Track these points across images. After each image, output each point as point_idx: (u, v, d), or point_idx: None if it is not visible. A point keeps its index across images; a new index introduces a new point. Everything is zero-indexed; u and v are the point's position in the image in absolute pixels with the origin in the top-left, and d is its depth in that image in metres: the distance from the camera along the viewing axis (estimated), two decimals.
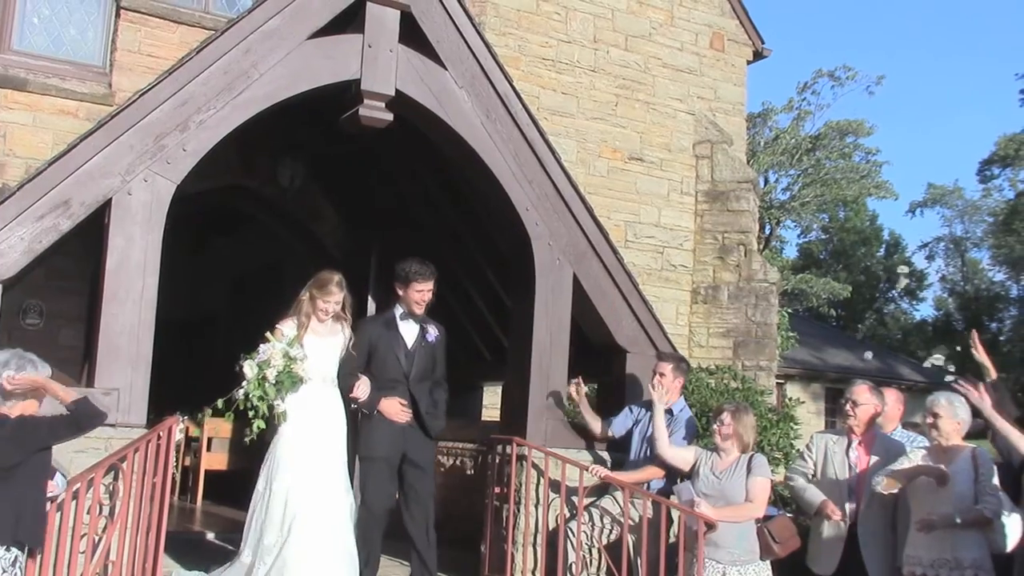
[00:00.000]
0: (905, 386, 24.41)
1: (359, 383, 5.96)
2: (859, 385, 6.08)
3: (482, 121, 6.88)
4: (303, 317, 5.82)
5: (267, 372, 5.49)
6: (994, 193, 40.58)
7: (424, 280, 6.16)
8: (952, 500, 5.31)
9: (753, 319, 11.24)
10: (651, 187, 11.67)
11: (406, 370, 6.16)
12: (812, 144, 30.25)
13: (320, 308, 5.83)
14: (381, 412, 6.05)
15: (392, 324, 6.24)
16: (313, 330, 5.82)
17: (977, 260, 48.03)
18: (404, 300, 6.23)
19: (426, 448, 6.28)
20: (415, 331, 6.24)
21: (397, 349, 6.16)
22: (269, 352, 5.54)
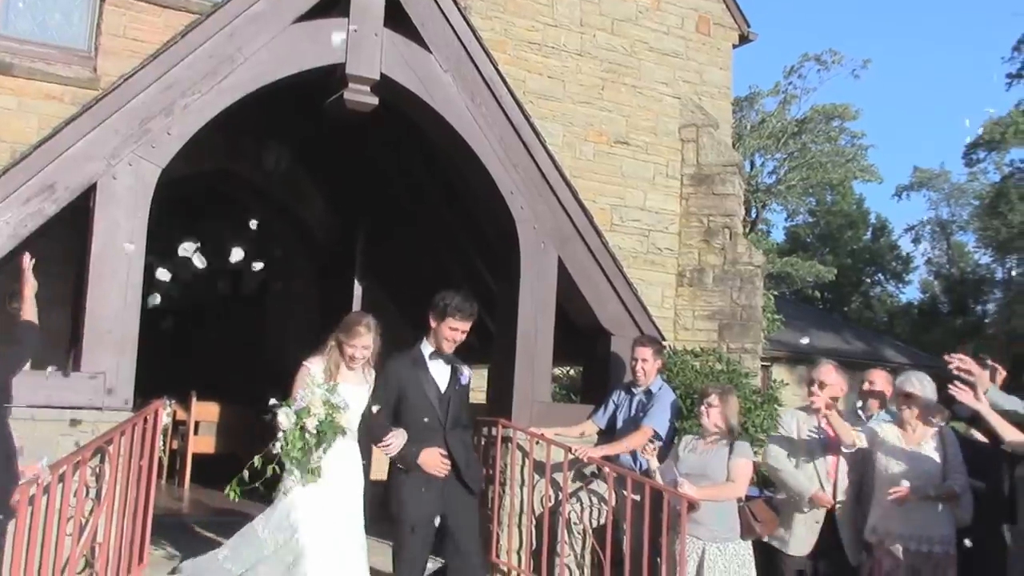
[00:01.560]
0: (890, 368, 24.58)
1: (393, 434, 5.25)
2: (825, 365, 6.13)
3: (467, 105, 6.90)
4: (332, 366, 5.26)
5: (306, 422, 4.92)
6: (980, 176, 40.71)
7: (463, 318, 5.39)
8: (921, 476, 5.43)
9: (738, 302, 11.31)
10: (637, 171, 11.71)
11: (441, 417, 5.36)
12: (798, 128, 30.31)
13: (348, 355, 5.25)
14: (420, 466, 5.25)
15: (421, 364, 5.44)
16: (342, 376, 5.25)
17: (963, 243, 48.24)
18: (434, 335, 5.44)
19: (470, 506, 5.50)
20: (446, 372, 5.47)
21: (429, 393, 5.37)
22: (308, 399, 4.99)
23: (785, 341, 23.84)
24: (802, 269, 31.03)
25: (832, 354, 23.92)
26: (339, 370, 5.24)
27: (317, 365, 5.25)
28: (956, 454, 5.53)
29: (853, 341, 28.07)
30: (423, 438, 5.28)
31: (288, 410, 4.97)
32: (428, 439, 5.29)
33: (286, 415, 4.96)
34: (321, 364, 5.25)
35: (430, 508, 5.27)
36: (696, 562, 5.67)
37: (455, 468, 5.33)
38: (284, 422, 4.95)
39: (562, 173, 7.29)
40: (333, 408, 5.00)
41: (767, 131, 29.53)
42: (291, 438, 4.92)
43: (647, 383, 6.56)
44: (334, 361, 5.26)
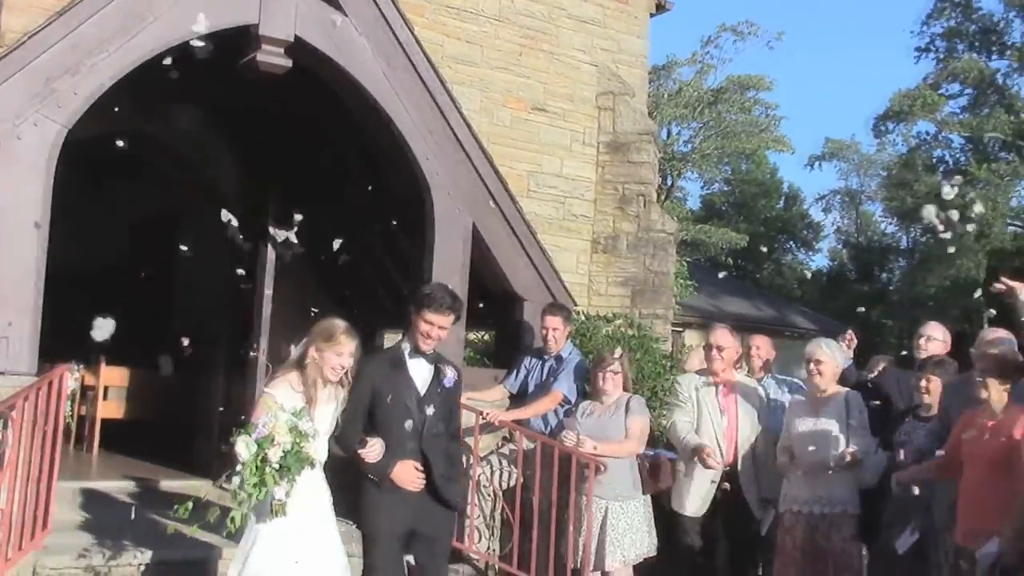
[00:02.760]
0: (799, 334, 25.28)
1: (371, 444, 4.68)
2: (720, 329, 6.32)
3: (383, 69, 6.88)
4: (310, 384, 4.56)
5: (268, 452, 4.21)
6: (888, 147, 41.83)
7: (439, 312, 4.80)
8: (828, 443, 5.65)
9: (651, 268, 11.49)
10: (554, 137, 11.77)
11: (418, 423, 4.82)
12: (714, 97, 30.73)
13: (332, 365, 4.60)
14: (392, 480, 4.75)
15: (400, 364, 4.88)
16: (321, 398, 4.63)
17: (870, 212, 49.65)
18: (412, 332, 4.91)
19: (444, 523, 5.02)
20: (428, 373, 4.92)
21: (407, 396, 4.82)
22: (271, 426, 4.25)
23: (698, 306, 24.32)
24: (716, 236, 31.60)
25: (743, 320, 24.54)
26: (317, 389, 4.57)
27: (283, 392, 4.52)
28: (860, 419, 5.75)
29: (763, 307, 28.78)
30: (399, 447, 4.73)
31: (248, 439, 4.23)
32: (404, 448, 4.75)
33: (245, 444, 4.22)
34: (286, 389, 4.54)
35: (401, 523, 4.79)
36: (600, 520, 5.84)
37: (431, 483, 4.79)
38: (243, 452, 4.21)
39: (478, 139, 7.32)
40: (301, 436, 4.29)
41: (683, 100, 29.87)
42: (248, 472, 4.20)
43: (557, 349, 6.69)
44: (312, 380, 4.57)
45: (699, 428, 6.12)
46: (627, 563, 5.87)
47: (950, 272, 34.35)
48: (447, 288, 5.08)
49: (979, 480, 4.82)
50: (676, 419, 6.22)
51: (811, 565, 5.63)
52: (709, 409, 6.14)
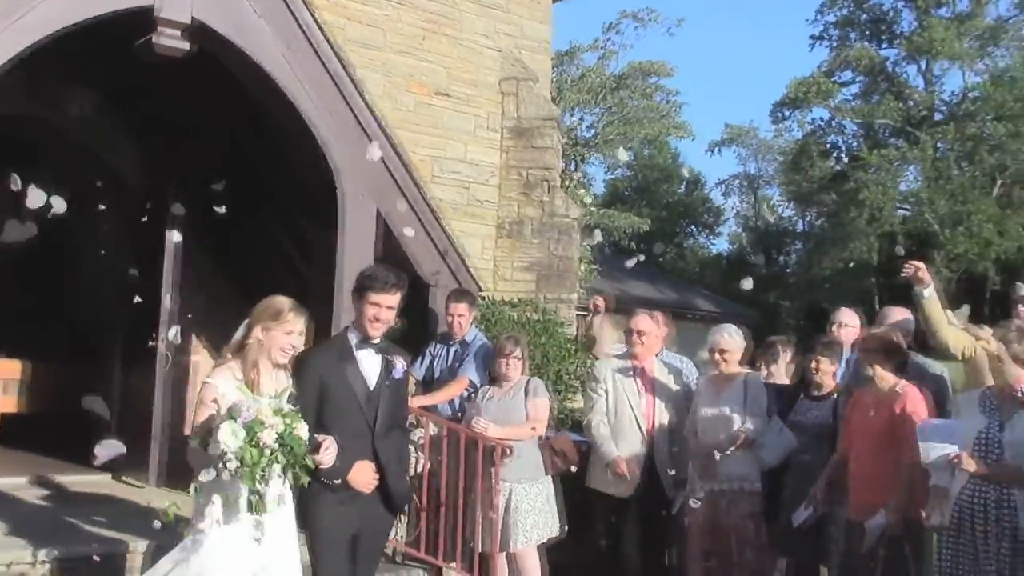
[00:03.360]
0: (699, 316, 25.82)
1: (324, 445, 4.24)
2: (640, 315, 6.46)
3: (284, 53, 6.79)
4: (250, 366, 4.17)
5: (261, 435, 3.80)
6: (785, 133, 42.95)
7: (383, 291, 4.53)
8: (727, 425, 5.83)
9: (555, 253, 11.59)
10: (457, 123, 11.75)
11: (370, 420, 4.54)
12: (616, 83, 31.09)
13: (280, 345, 4.22)
14: (349, 483, 4.46)
15: (347, 356, 4.59)
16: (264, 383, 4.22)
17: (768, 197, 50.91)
18: (358, 319, 4.65)
19: (385, 524, 4.86)
20: (377, 364, 4.62)
21: (357, 391, 4.54)
22: (255, 409, 3.86)
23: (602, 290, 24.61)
24: (619, 221, 32.01)
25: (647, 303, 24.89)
26: (260, 374, 4.17)
27: (225, 380, 4.13)
28: (757, 401, 5.93)
29: (666, 290, 29.29)
30: (350, 447, 4.40)
31: (234, 425, 3.79)
32: (356, 448, 4.45)
33: (232, 432, 3.78)
34: (228, 377, 4.15)
35: (351, 526, 4.53)
36: (505, 502, 5.92)
37: (383, 483, 4.56)
38: (230, 441, 3.77)
39: (382, 124, 7.29)
40: (290, 416, 3.94)
41: (586, 86, 30.14)
42: (247, 455, 3.78)
43: (462, 335, 6.74)
44: (252, 360, 4.16)
45: (617, 411, 6.23)
46: (532, 544, 5.96)
47: (844, 255, 35.47)
48: (386, 266, 4.86)
49: (867, 456, 5.05)
50: (592, 418, 6.32)
51: (714, 541, 5.80)
52: (627, 392, 6.25)
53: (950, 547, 4.53)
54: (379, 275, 4.64)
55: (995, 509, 4.42)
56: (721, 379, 6.03)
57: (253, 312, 4.31)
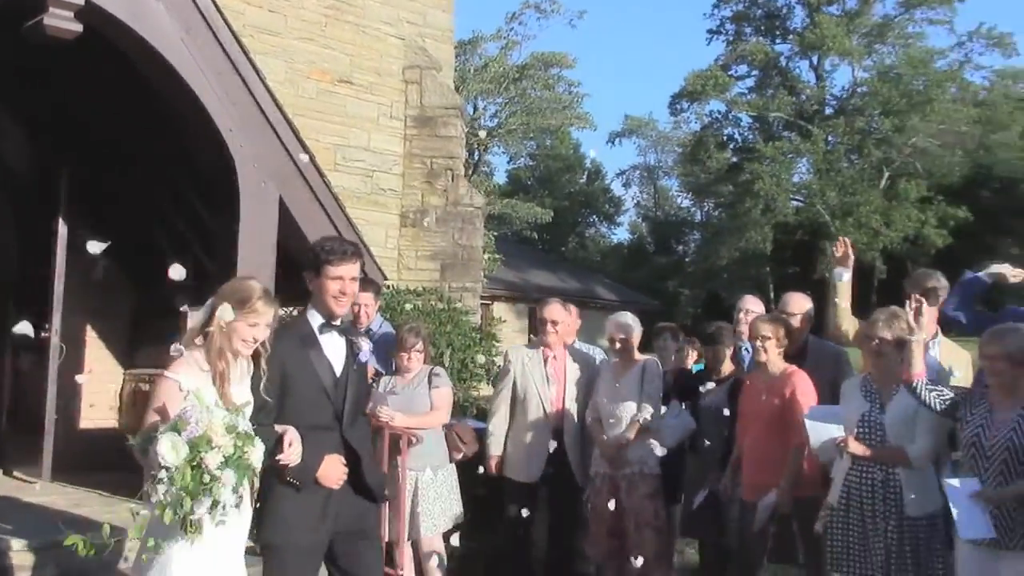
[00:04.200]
0: (600, 304, 26.17)
1: (289, 441, 3.81)
2: (553, 304, 6.54)
3: (182, 37, 6.63)
4: (216, 356, 3.67)
5: (206, 457, 3.26)
6: (683, 125, 43.81)
7: (343, 261, 4.10)
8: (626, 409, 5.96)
9: (459, 242, 11.64)
10: (360, 110, 11.69)
11: (338, 409, 4.12)
12: (519, 73, 31.25)
13: (243, 337, 3.72)
14: (319, 481, 4.00)
15: (310, 341, 4.13)
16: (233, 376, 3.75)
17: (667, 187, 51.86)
18: (318, 298, 4.14)
19: (370, 513, 4.32)
20: (342, 348, 4.20)
21: (323, 378, 4.10)
22: (205, 423, 3.30)
23: (506, 279, 24.78)
24: (521, 210, 32.21)
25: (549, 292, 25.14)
26: (227, 364, 3.69)
27: (188, 374, 3.61)
28: (652, 385, 6.08)
29: (568, 279, 29.60)
30: (316, 441, 3.96)
31: (176, 438, 3.26)
32: (322, 441, 4.01)
33: (172, 446, 3.25)
34: (192, 370, 3.64)
35: (322, 531, 4.05)
36: (411, 490, 5.94)
37: (354, 474, 4.11)
38: (169, 456, 3.24)
39: (283, 111, 7.19)
40: (243, 439, 3.39)
41: (489, 75, 30.22)
42: (180, 477, 3.24)
43: (367, 324, 6.73)
44: (216, 350, 3.66)
45: (526, 399, 6.29)
46: (439, 531, 6.00)
47: (740, 244, 36.37)
48: (337, 236, 4.42)
49: (759, 438, 5.23)
50: (493, 407, 6.41)
51: (617, 523, 5.92)
52: (536, 380, 6.32)
53: (839, 526, 4.71)
54: (335, 246, 4.17)
55: (881, 489, 4.61)
56: (619, 366, 6.15)
57: (218, 294, 3.79)
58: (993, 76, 38.23)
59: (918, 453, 4.54)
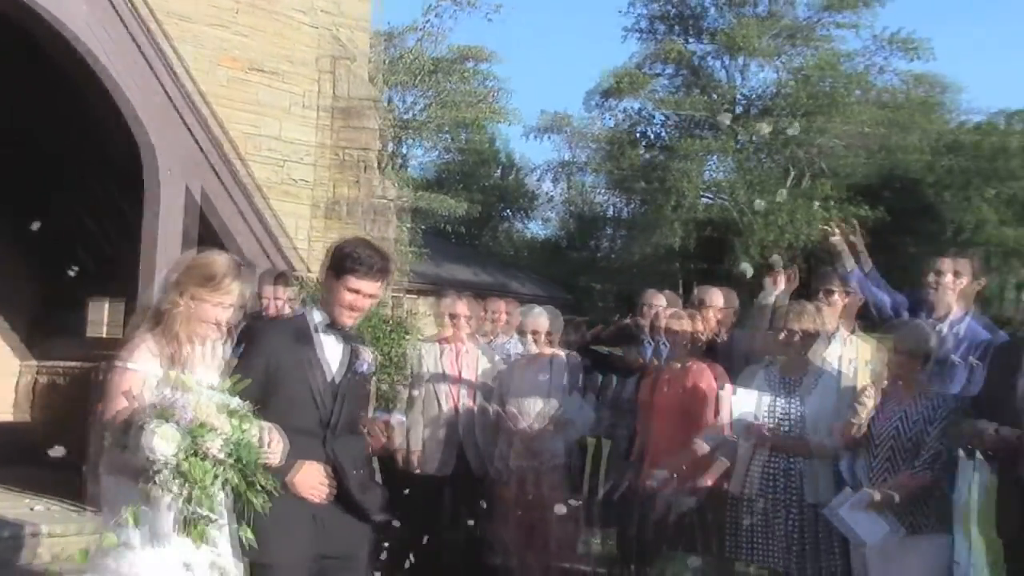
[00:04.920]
0: (516, 298, 26.27)
1: (270, 436, 3.39)
2: (450, 298, 6.57)
3: (92, 22, 6.49)
4: (173, 340, 3.30)
5: (207, 443, 2.97)
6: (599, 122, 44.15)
7: (367, 276, 3.76)
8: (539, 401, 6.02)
9: (372, 234, 11.57)
10: (273, 99, 11.54)
11: (324, 416, 3.79)
12: (436, 66, 31.13)
13: (208, 319, 3.37)
14: (293, 487, 3.62)
15: (306, 338, 3.81)
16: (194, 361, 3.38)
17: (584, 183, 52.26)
18: (328, 300, 3.86)
19: (360, 540, 3.97)
20: (341, 354, 3.87)
21: (315, 382, 3.78)
22: (194, 405, 3.01)
23: (424, 273, 24.72)
24: (439, 204, 32.13)
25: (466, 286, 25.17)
26: (184, 348, 3.31)
27: (144, 362, 3.25)
28: (566, 379, 6.15)
29: (485, 273, 29.67)
30: (298, 448, 3.57)
31: (168, 428, 2.94)
32: (303, 448, 3.63)
33: (165, 436, 2.92)
34: (146, 357, 3.26)
35: (304, 547, 3.69)
36: None
37: (343, 490, 3.75)
38: (163, 447, 2.91)
39: (193, 99, 7.09)
40: (241, 417, 3.11)
41: (406, 67, 30.05)
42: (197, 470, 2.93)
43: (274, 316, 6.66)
44: (175, 333, 3.28)
45: (434, 392, 6.30)
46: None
47: (652, 240, 36.87)
48: (374, 245, 3.99)
49: (662, 429, 5.34)
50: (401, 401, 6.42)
51: (525, 515, 5.98)
52: (442, 374, 6.34)
53: (744, 513, 4.84)
54: (364, 256, 3.76)
55: (783, 479, 4.76)
56: (532, 358, 6.21)
57: (178, 270, 3.38)
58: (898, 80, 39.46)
59: (821, 444, 4.70)
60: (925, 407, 4.37)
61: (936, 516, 4.35)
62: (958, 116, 39.88)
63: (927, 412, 4.36)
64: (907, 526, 4.30)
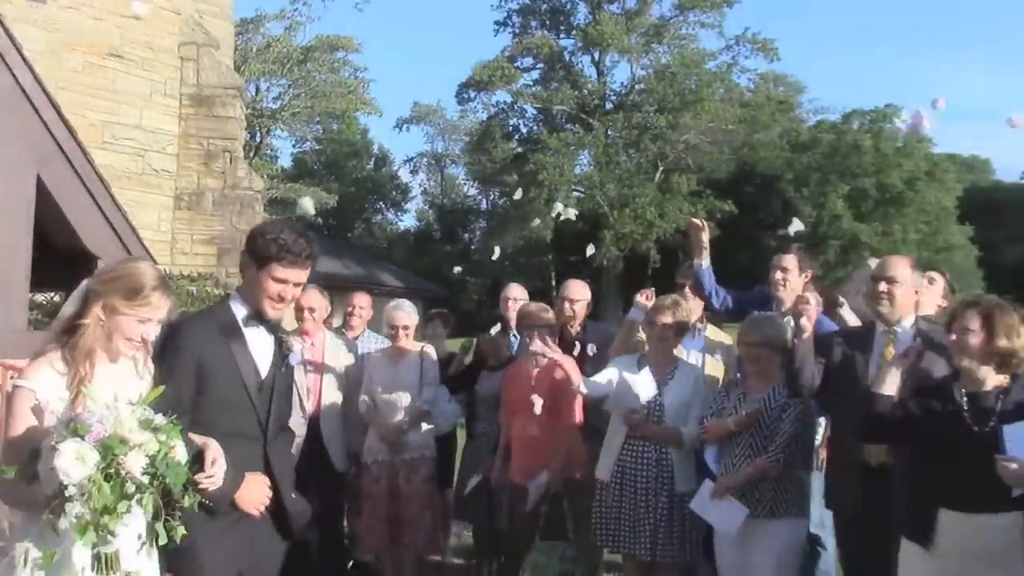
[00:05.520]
0: (386, 291, 26.12)
1: (212, 458, 2.99)
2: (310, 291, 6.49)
3: None
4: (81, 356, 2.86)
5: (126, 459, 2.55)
6: (470, 114, 44.26)
7: (294, 264, 3.39)
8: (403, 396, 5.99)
9: (238, 226, 11.32)
10: (132, 87, 11.15)
11: (262, 417, 3.44)
12: (303, 55, 30.66)
13: (129, 334, 2.94)
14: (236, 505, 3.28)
15: (233, 332, 3.43)
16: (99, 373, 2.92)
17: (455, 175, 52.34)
18: (250, 290, 3.46)
19: (276, 556, 3.57)
20: (269, 345, 3.52)
21: (246, 377, 3.41)
22: (111, 420, 2.59)
23: None
24: (306, 195, 31.64)
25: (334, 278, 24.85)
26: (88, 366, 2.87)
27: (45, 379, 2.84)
28: (432, 373, 6.14)
29: (354, 265, 29.35)
30: (236, 453, 3.17)
31: (81, 445, 2.52)
32: (242, 454, 3.27)
33: (77, 454, 2.50)
34: (51, 374, 2.85)
35: (233, 565, 3.34)
36: None
37: (275, 501, 3.41)
38: (73, 469, 2.49)
39: (43, 85, 6.76)
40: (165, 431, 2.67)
41: (272, 56, 29.48)
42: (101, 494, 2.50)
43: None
44: (84, 352, 2.87)
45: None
46: None
47: (523, 233, 37.23)
48: (296, 228, 3.55)
49: (528, 423, 5.38)
50: None
51: (394, 509, 5.94)
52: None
53: (613, 501, 4.93)
54: (290, 242, 3.37)
55: (655, 467, 4.85)
56: (396, 352, 6.17)
57: (99, 281, 2.99)
58: (754, 79, 40.88)
59: (691, 435, 4.82)
60: (782, 396, 4.54)
61: (794, 500, 4.52)
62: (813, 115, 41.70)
63: (784, 401, 4.53)
64: (766, 510, 4.45)
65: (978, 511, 3.47)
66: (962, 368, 3.68)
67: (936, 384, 3.87)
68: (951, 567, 3.53)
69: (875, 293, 4.48)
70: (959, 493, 3.51)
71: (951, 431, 3.59)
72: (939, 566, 3.56)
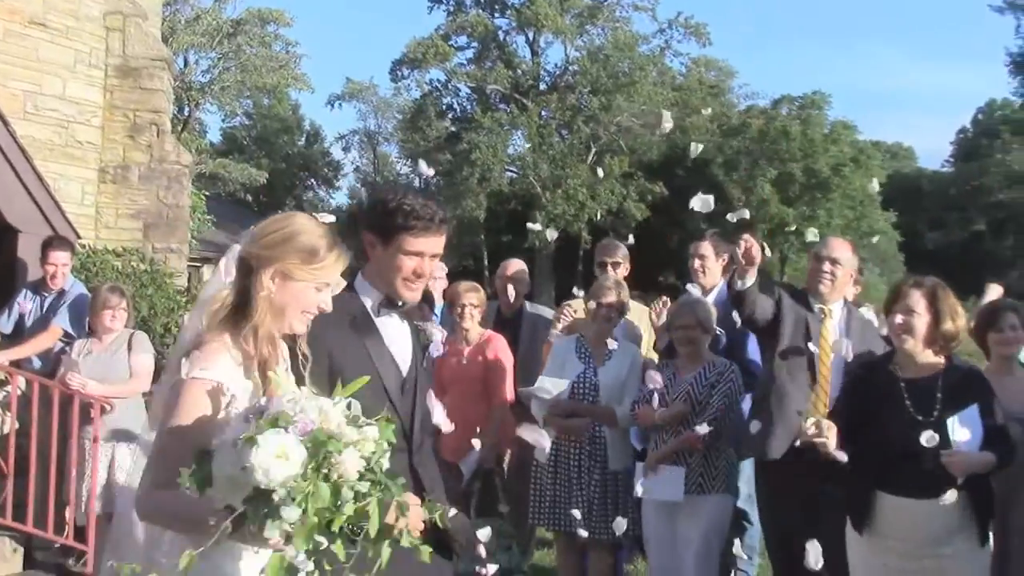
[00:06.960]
0: None
1: None
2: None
3: None
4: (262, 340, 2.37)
5: (341, 459, 1.99)
6: (403, 92, 43.90)
7: (427, 232, 2.88)
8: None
9: (165, 201, 11.08)
10: (55, 56, 10.80)
11: (406, 423, 2.91)
12: (234, 28, 30.08)
13: (306, 305, 2.44)
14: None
15: (365, 325, 2.93)
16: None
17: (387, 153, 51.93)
18: (379, 270, 2.95)
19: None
20: (407, 337, 3.04)
21: (387, 378, 2.90)
22: (314, 411, 2.02)
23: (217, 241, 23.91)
24: (235, 171, 31.16)
25: None
26: (275, 347, 2.39)
27: (224, 368, 2.31)
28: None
29: None
30: None
31: (287, 439, 1.96)
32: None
33: (281, 449, 1.95)
34: (225, 361, 2.31)
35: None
36: (107, 463, 5.65)
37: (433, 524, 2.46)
38: (277, 467, 1.93)
39: None
40: (382, 430, 2.09)
41: (202, 28, 28.88)
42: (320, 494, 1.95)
43: (61, 285, 6.30)
44: (264, 335, 2.36)
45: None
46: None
47: (456, 212, 37.12)
48: (421, 192, 3.10)
49: (460, 401, 5.39)
50: None
51: None
52: None
53: (548, 478, 4.97)
54: (419, 208, 2.86)
55: (589, 445, 4.91)
56: None
57: (255, 244, 2.44)
58: (686, 63, 41.24)
59: (625, 415, 4.87)
60: (712, 374, 4.63)
61: (721, 476, 4.61)
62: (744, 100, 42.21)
63: (713, 378, 4.62)
64: (695, 486, 4.54)
65: (919, 496, 3.48)
66: (903, 350, 3.67)
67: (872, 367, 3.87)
68: (895, 547, 3.57)
69: (817, 271, 4.55)
70: (901, 480, 3.51)
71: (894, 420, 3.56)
72: (883, 547, 3.59)
